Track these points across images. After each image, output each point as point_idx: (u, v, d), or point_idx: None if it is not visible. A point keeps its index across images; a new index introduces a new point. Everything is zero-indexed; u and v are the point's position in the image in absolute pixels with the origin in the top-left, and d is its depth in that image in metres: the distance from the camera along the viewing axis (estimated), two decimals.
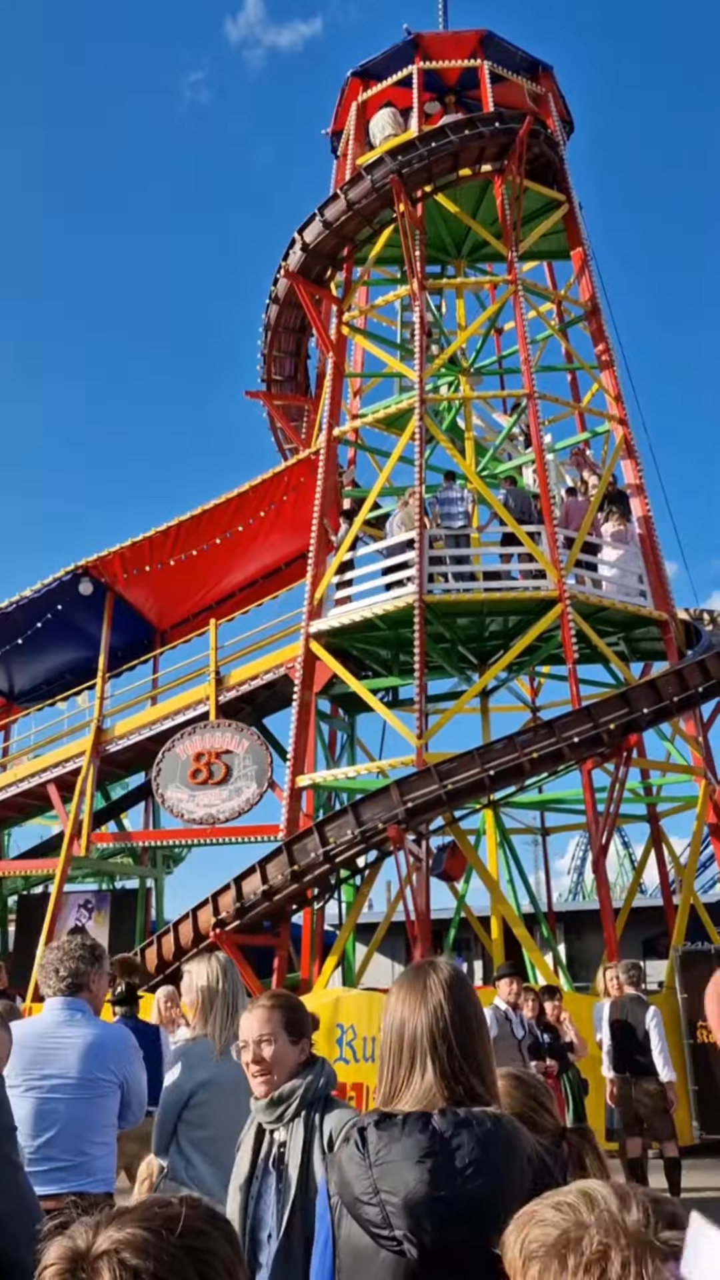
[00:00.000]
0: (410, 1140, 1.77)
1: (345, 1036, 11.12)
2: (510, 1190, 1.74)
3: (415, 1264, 1.71)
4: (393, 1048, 1.95)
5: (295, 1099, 2.67)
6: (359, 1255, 1.76)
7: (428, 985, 1.98)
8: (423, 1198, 1.71)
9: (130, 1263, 1.04)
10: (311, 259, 16.39)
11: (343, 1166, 1.83)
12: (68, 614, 17.37)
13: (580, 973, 20.87)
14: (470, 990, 2.01)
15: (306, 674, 14.85)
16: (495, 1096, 1.93)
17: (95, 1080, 3.64)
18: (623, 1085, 8.30)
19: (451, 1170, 1.74)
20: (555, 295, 17.14)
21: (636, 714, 12.53)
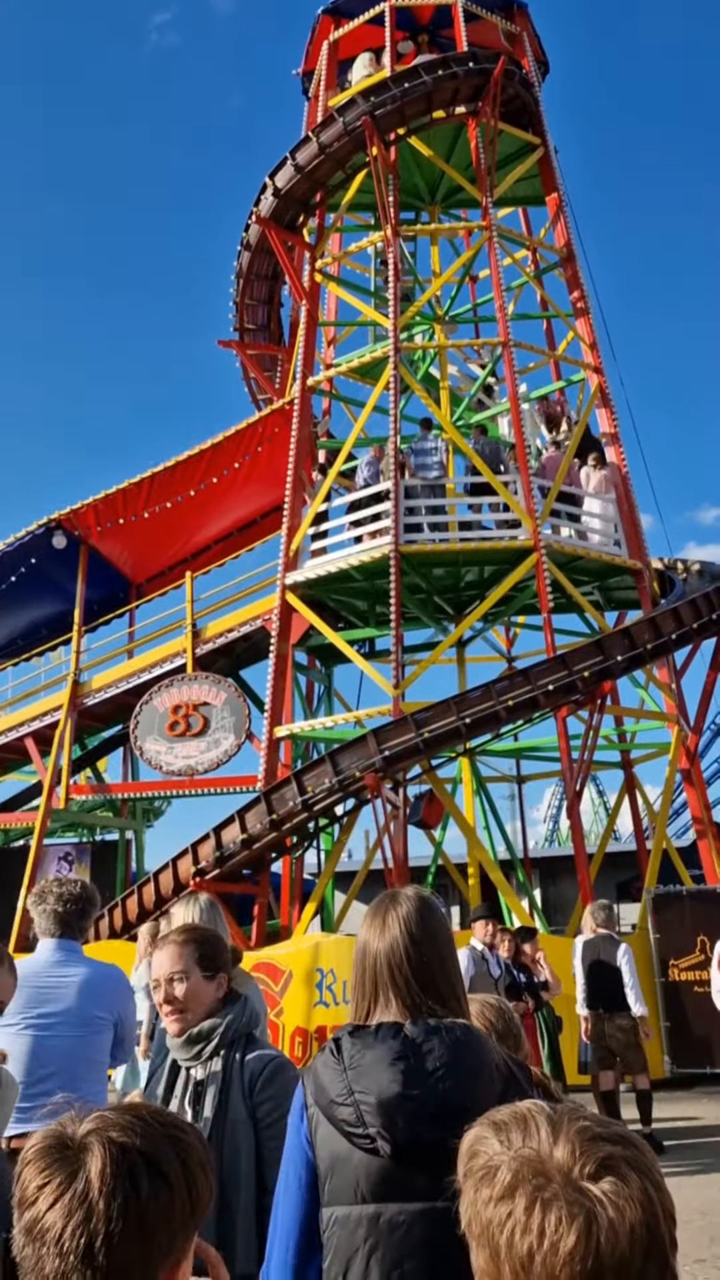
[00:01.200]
0: (384, 1046, 1.85)
1: (325, 981, 11.32)
2: (479, 1093, 1.82)
3: (388, 1161, 1.79)
4: (358, 977, 2.02)
5: (215, 1037, 2.60)
6: (336, 1159, 1.84)
7: (388, 918, 2.03)
8: (395, 1097, 1.79)
9: (118, 1140, 1.09)
10: (283, 204, 16.14)
11: (318, 1073, 1.90)
12: (41, 568, 17.27)
13: (555, 916, 21.25)
14: (434, 919, 2.04)
15: (283, 626, 14.88)
16: (463, 1016, 1.99)
17: (93, 1018, 3.72)
18: (596, 1021, 8.51)
19: (423, 1072, 1.82)
20: (530, 241, 16.99)
21: (611, 661, 12.66)
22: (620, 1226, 0.94)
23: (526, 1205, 0.96)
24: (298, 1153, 1.92)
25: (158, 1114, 1.16)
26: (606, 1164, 0.98)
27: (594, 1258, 0.92)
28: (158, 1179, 1.08)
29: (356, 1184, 1.82)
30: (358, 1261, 1.79)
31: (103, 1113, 1.14)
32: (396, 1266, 1.77)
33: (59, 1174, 1.07)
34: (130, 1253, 1.05)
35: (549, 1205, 0.95)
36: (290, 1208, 1.90)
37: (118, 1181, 1.05)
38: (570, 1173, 0.97)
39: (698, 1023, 10.75)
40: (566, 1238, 0.93)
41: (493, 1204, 0.99)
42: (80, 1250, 1.03)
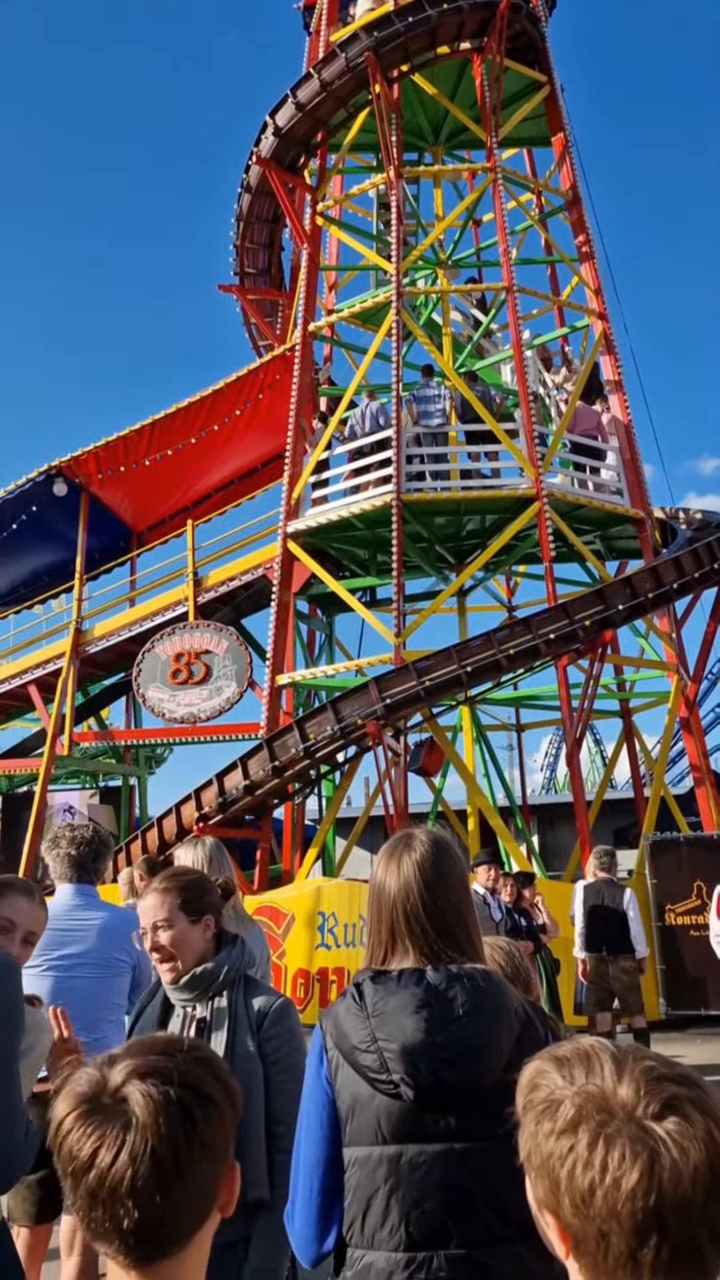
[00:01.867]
0: (406, 993, 1.89)
1: (326, 924, 11.51)
2: (499, 1038, 1.88)
3: (410, 1105, 1.85)
4: (374, 921, 2.03)
5: (220, 977, 2.64)
6: (357, 1101, 1.89)
7: (402, 863, 2.02)
8: (419, 1044, 1.83)
9: (157, 1079, 1.12)
10: (284, 144, 15.85)
11: (339, 1018, 1.93)
12: (42, 516, 17.22)
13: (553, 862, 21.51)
14: (448, 863, 2.03)
15: (284, 574, 14.88)
16: (479, 960, 2.02)
17: (112, 960, 3.81)
18: (599, 964, 8.69)
19: (445, 1019, 1.86)
20: (535, 184, 16.69)
21: (612, 610, 12.70)
22: (684, 1166, 0.96)
23: (590, 1141, 0.99)
24: (319, 1094, 1.95)
25: (172, 1042, 1.20)
26: (671, 1103, 1.00)
27: (656, 1195, 0.95)
28: (206, 1103, 1.13)
29: (377, 1125, 1.87)
30: (378, 1200, 1.84)
31: (125, 1057, 1.15)
32: (416, 1205, 1.82)
33: (110, 1128, 1.09)
34: (201, 1176, 1.11)
35: (612, 1141, 0.98)
36: (313, 1148, 1.94)
37: (173, 1119, 1.09)
38: (634, 1111, 0.99)
39: (693, 966, 10.96)
40: (630, 1174, 0.96)
41: (554, 1137, 1.02)
42: (158, 1191, 1.07)
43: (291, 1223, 1.97)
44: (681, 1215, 0.96)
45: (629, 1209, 0.96)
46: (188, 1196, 1.10)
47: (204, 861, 3.84)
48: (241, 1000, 2.64)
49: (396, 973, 1.94)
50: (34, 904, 2.85)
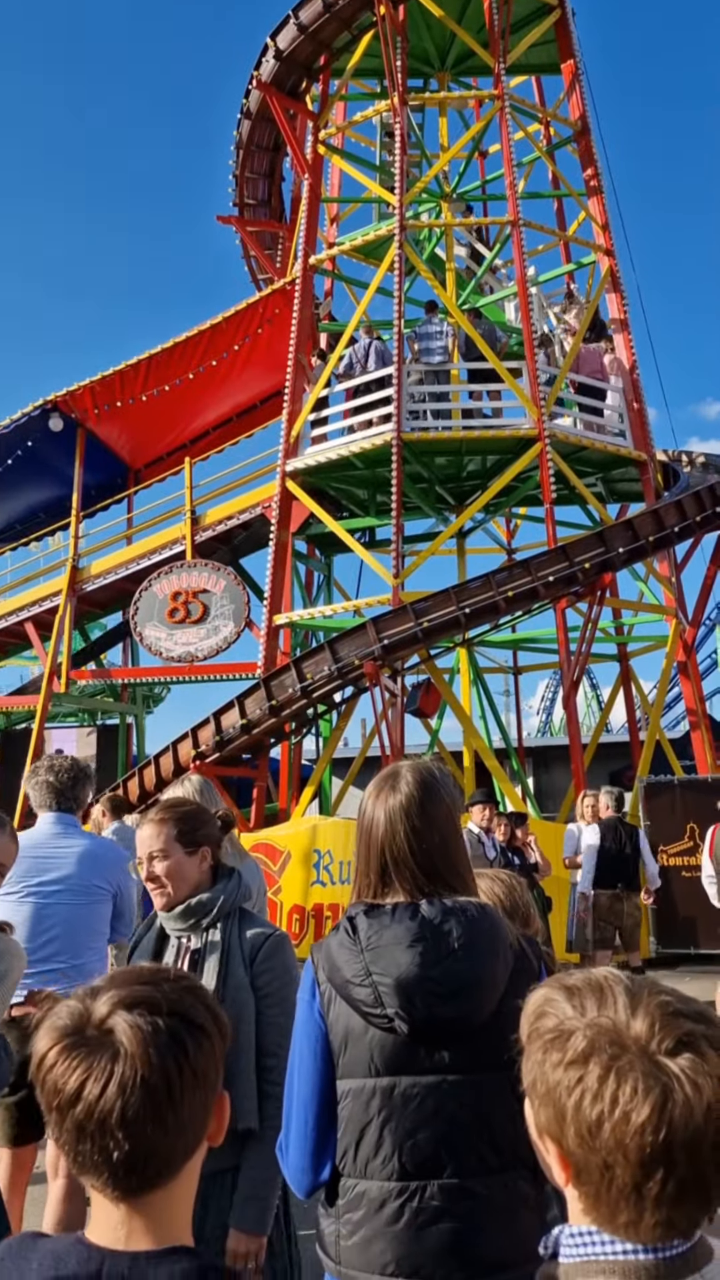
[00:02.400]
0: (400, 926, 1.87)
1: (322, 861, 11.63)
2: (494, 972, 1.87)
3: (404, 1039, 1.84)
4: (362, 855, 2.01)
5: (215, 909, 2.65)
6: (350, 1034, 1.89)
7: (389, 804, 1.98)
8: (414, 978, 1.82)
9: (144, 1009, 1.10)
10: (285, 68, 15.39)
11: (332, 953, 1.92)
12: (38, 451, 17.03)
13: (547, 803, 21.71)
14: (434, 801, 1.98)
15: (283, 514, 14.77)
16: (471, 893, 2.00)
17: (92, 887, 3.84)
18: (613, 901, 8.80)
19: (440, 953, 1.85)
20: (543, 113, 16.25)
21: (612, 553, 12.62)
22: (696, 1103, 0.95)
23: (601, 1073, 0.98)
24: (311, 1027, 1.94)
25: (158, 971, 1.17)
26: (685, 1040, 0.98)
27: (666, 1130, 0.95)
28: (197, 1031, 1.11)
29: (370, 1058, 1.87)
30: (371, 1131, 1.85)
31: (108, 988, 1.13)
32: (409, 1136, 1.83)
33: (97, 1060, 1.07)
34: (193, 1106, 1.10)
35: (624, 1075, 0.97)
36: (306, 1082, 1.94)
37: (164, 1048, 1.07)
38: (648, 1045, 0.98)
39: (684, 906, 11.10)
40: (640, 1109, 0.95)
41: (563, 1067, 1.00)
42: (150, 1121, 1.06)
43: (285, 1155, 1.98)
44: (691, 1151, 0.96)
45: (637, 1143, 0.95)
46: (180, 1126, 1.09)
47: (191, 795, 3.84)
48: (235, 932, 2.65)
49: (390, 906, 1.92)
50: (3, 835, 2.85)
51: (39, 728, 16.45)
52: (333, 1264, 1.90)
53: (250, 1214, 2.47)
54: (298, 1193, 1.99)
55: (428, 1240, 1.80)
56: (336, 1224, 1.89)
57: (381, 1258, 1.81)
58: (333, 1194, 1.93)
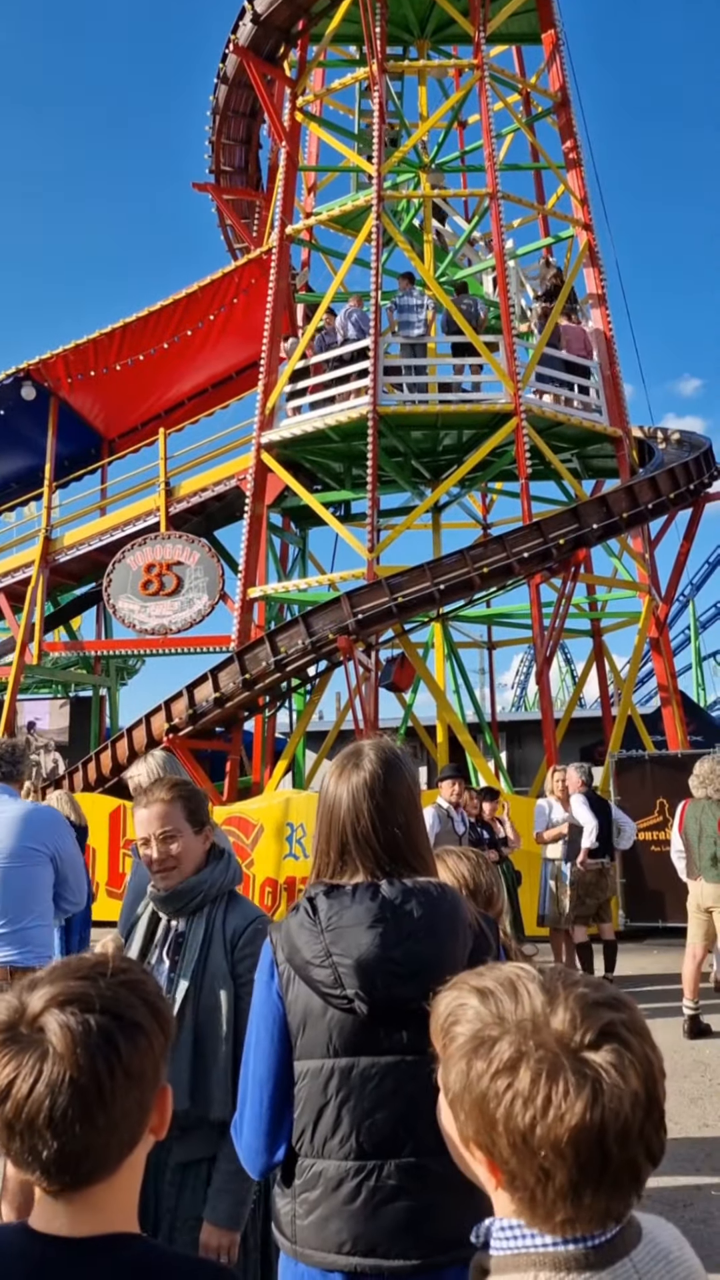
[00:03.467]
0: (361, 907, 1.87)
1: (295, 834, 11.66)
2: (454, 952, 1.88)
3: (363, 1019, 1.85)
4: (324, 836, 1.99)
5: (200, 894, 2.62)
6: (309, 1014, 1.89)
7: (352, 781, 1.98)
8: (375, 959, 1.82)
9: (76, 1006, 1.08)
10: (263, 32, 15.15)
11: (292, 933, 1.91)
12: (10, 420, 16.83)
13: (520, 778, 21.84)
14: (396, 781, 1.99)
15: (258, 486, 14.69)
16: (430, 873, 2.00)
17: (26, 850, 3.93)
18: (599, 875, 8.91)
19: (401, 933, 1.85)
20: (523, 84, 16.10)
21: (586, 530, 12.66)
22: (624, 1093, 0.96)
23: (532, 1078, 0.97)
24: (268, 1008, 1.94)
25: (97, 964, 1.15)
26: (607, 1031, 0.98)
27: (600, 1127, 0.95)
28: (132, 1029, 1.10)
29: (329, 1038, 1.87)
30: (329, 1111, 1.85)
31: (46, 983, 1.11)
32: (367, 1116, 1.84)
33: (26, 1058, 1.06)
34: (128, 1103, 1.09)
35: (555, 1077, 0.96)
36: (262, 1062, 1.93)
37: (94, 1048, 1.06)
38: (570, 1042, 0.98)
39: (652, 879, 11.22)
40: (574, 1108, 0.95)
41: (489, 1077, 0.99)
42: (79, 1122, 1.05)
43: (239, 1135, 1.98)
44: (622, 1140, 0.96)
45: (573, 1144, 0.95)
46: (112, 1125, 1.08)
47: (155, 771, 3.81)
48: (220, 917, 2.61)
49: (351, 887, 1.92)
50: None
51: (10, 699, 16.36)
52: (289, 1243, 1.90)
53: (222, 1208, 2.42)
54: (251, 1173, 1.99)
55: (384, 1219, 1.81)
56: (293, 1203, 1.90)
57: (338, 1236, 1.82)
58: (289, 1174, 1.93)
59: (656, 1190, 4.63)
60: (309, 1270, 1.86)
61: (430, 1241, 1.81)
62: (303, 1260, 1.87)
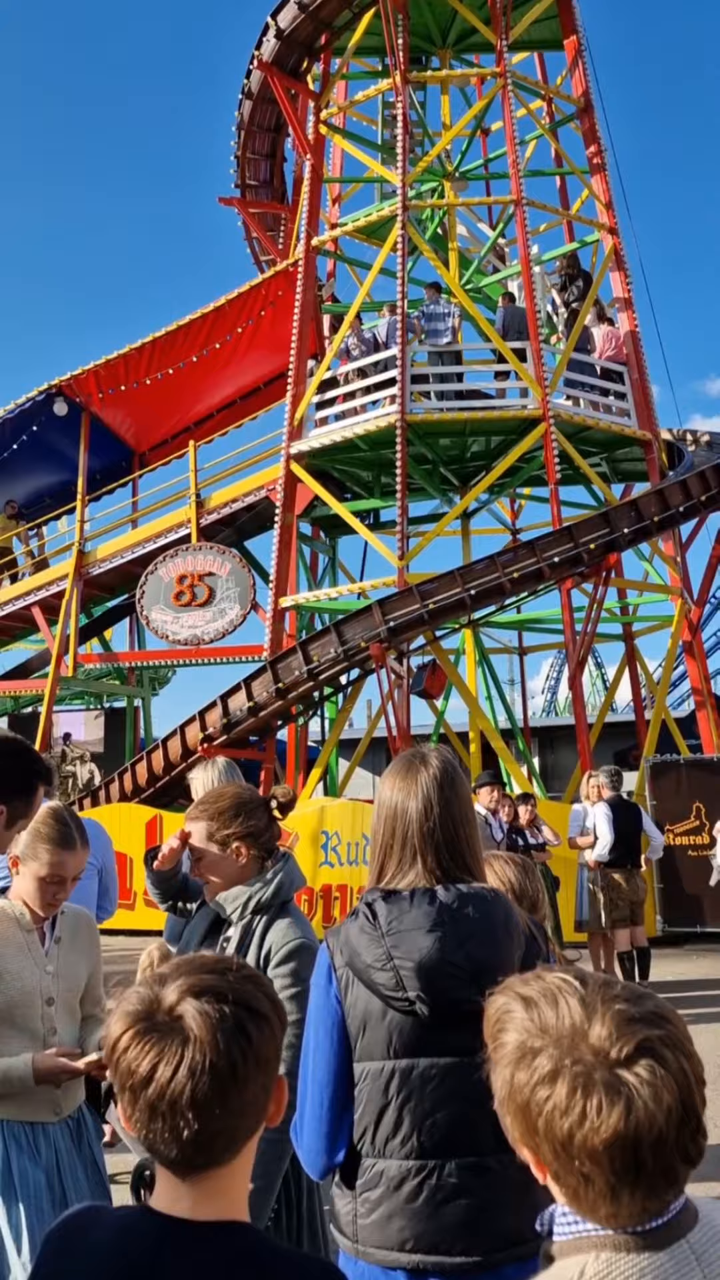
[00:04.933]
0: (420, 911, 1.92)
1: (330, 842, 11.72)
2: (510, 955, 1.92)
3: (423, 1021, 1.89)
4: (384, 838, 2.02)
5: (238, 905, 2.66)
6: (369, 1017, 1.93)
7: (420, 779, 2.02)
8: (436, 962, 1.87)
9: (212, 997, 1.17)
10: (286, 48, 15.28)
11: (352, 938, 1.95)
12: (43, 436, 17.03)
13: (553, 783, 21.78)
14: (460, 782, 2.05)
15: (287, 496, 14.78)
16: (483, 879, 2.05)
17: None
18: (628, 879, 8.91)
19: (460, 937, 1.89)
20: (546, 90, 16.13)
21: (617, 534, 12.64)
22: (657, 1108, 1.01)
23: (568, 1091, 1.02)
24: (326, 1011, 1.97)
25: (220, 961, 1.24)
26: (643, 1047, 1.03)
27: (633, 1139, 1.00)
28: (259, 1019, 1.18)
29: (389, 1040, 1.91)
30: (390, 1112, 1.89)
31: (176, 976, 1.20)
32: (428, 1116, 1.88)
33: (168, 1044, 1.14)
34: (256, 1087, 1.17)
35: (590, 1091, 1.02)
36: (322, 1064, 1.97)
37: (229, 1034, 1.14)
38: (607, 1056, 1.03)
39: (690, 884, 11.17)
40: (607, 1121, 1.00)
41: (529, 1088, 1.05)
42: (216, 1104, 1.13)
43: (299, 1137, 2.02)
44: (656, 1150, 1.02)
45: (607, 1154, 1.01)
46: (243, 1108, 1.16)
47: (215, 782, 3.88)
48: (261, 930, 2.64)
49: (409, 892, 1.95)
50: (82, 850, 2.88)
51: (47, 710, 16.53)
52: (349, 1242, 1.94)
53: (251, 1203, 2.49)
54: (312, 1174, 2.03)
55: (445, 1217, 1.86)
56: (354, 1203, 1.94)
57: (400, 1235, 1.87)
58: (349, 1174, 1.97)
59: (696, 1190, 4.61)
60: (370, 1268, 1.90)
61: (491, 1239, 1.85)
62: (364, 1259, 1.91)
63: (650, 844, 9.26)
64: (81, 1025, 2.80)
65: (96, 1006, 2.86)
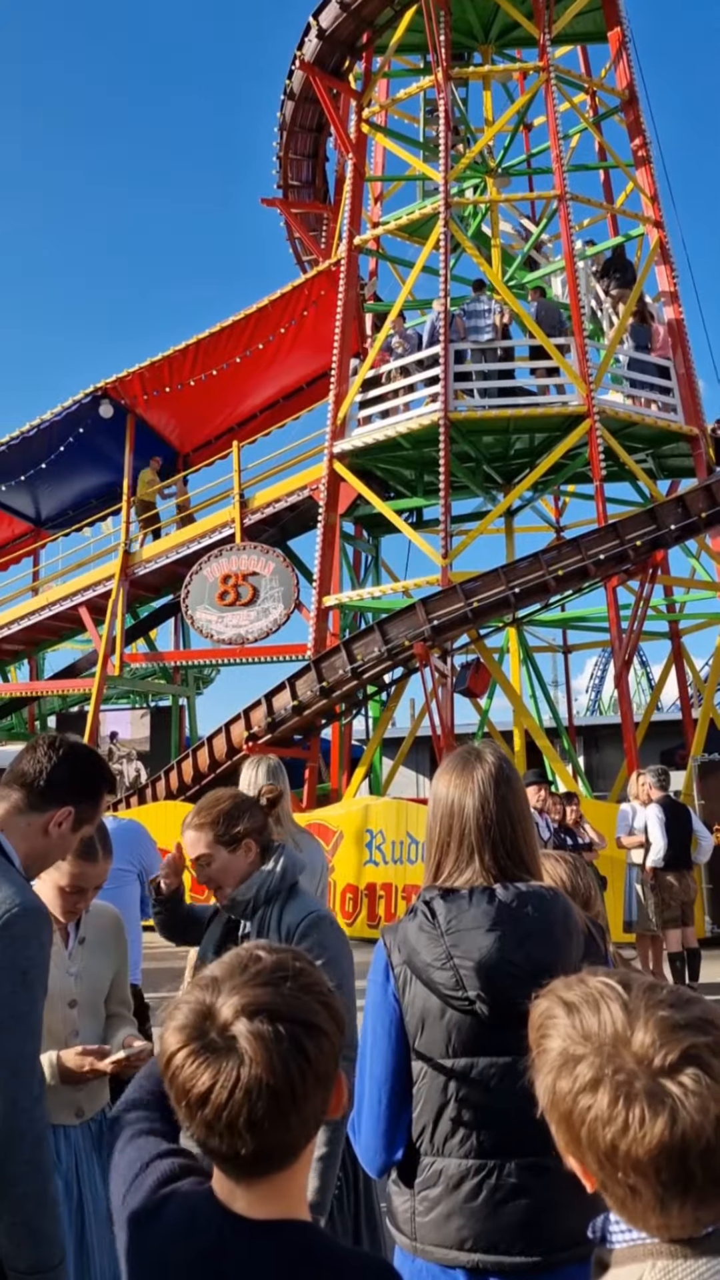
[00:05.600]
0: (479, 910, 1.91)
1: (375, 841, 11.71)
2: (570, 955, 1.91)
3: (482, 1020, 1.89)
4: (441, 835, 2.02)
5: (249, 900, 2.72)
6: (427, 1016, 1.93)
7: (476, 775, 2.02)
8: (496, 961, 1.86)
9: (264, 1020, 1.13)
10: (328, 47, 15.30)
11: (410, 936, 1.95)
12: (89, 438, 17.20)
13: (598, 782, 21.62)
14: (515, 779, 2.04)
15: (331, 495, 14.81)
16: (539, 877, 2.04)
17: (116, 872, 3.92)
18: (680, 879, 8.84)
19: (520, 936, 1.88)
20: (590, 83, 16.00)
21: (664, 530, 12.51)
22: (704, 1118, 0.97)
23: (610, 1101, 0.99)
24: (384, 1009, 1.98)
25: (277, 970, 1.19)
26: (689, 1055, 0.99)
27: (680, 1149, 0.97)
28: (316, 1032, 1.15)
29: (448, 1039, 1.90)
30: (449, 1111, 1.89)
31: (228, 988, 1.16)
32: (488, 1116, 1.88)
33: (224, 1065, 1.11)
34: (316, 1101, 1.15)
35: (632, 1102, 0.98)
36: (380, 1062, 1.97)
37: (286, 1055, 1.11)
38: (651, 1064, 0.99)
39: None
40: (651, 1132, 0.97)
41: (572, 1096, 1.03)
42: (273, 1122, 1.10)
43: (357, 1135, 2.02)
44: (706, 1161, 0.98)
45: (653, 1165, 0.98)
46: (303, 1123, 1.14)
47: (263, 778, 3.91)
48: (276, 915, 2.71)
49: (467, 891, 1.95)
50: (105, 860, 2.89)
51: (94, 710, 16.70)
52: (407, 1240, 1.94)
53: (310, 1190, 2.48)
54: (370, 1171, 2.03)
55: (505, 1217, 1.85)
56: (412, 1201, 1.94)
57: (459, 1234, 1.86)
58: (407, 1172, 1.97)
59: None
60: (429, 1266, 1.90)
61: (551, 1239, 1.84)
62: (422, 1256, 1.91)
63: (699, 845, 9.16)
64: (106, 1024, 2.77)
65: (122, 1005, 2.84)
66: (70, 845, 2.37)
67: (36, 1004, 2.14)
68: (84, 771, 2.38)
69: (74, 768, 2.35)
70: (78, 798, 2.33)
